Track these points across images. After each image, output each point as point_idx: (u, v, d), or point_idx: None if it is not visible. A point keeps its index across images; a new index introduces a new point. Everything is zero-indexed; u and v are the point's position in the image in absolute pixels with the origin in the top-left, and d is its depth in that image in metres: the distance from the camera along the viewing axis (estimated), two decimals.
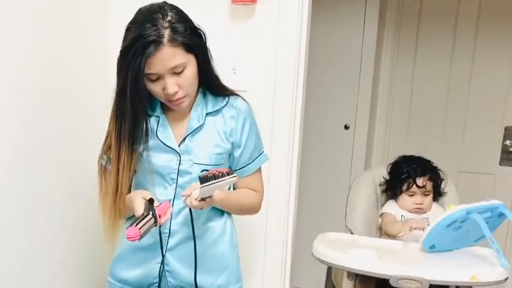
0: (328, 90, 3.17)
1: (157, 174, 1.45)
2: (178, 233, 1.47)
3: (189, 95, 1.39)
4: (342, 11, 3.10)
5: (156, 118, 1.45)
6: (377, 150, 3.35)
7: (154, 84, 1.34)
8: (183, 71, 1.33)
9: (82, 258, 1.94)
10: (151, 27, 1.27)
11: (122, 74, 1.31)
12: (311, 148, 3.09)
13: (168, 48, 1.28)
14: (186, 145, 1.44)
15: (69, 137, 1.84)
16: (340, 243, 1.88)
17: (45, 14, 1.68)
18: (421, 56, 3.22)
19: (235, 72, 1.98)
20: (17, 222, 1.63)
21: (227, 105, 1.46)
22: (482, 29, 3.08)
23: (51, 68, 1.73)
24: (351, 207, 2.28)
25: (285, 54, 1.94)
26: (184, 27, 1.31)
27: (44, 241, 1.76)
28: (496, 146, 3.11)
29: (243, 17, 1.94)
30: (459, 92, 3.17)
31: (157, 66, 1.30)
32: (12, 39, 1.54)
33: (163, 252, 1.47)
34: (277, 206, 2.02)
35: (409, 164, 2.20)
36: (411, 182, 2.14)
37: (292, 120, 1.99)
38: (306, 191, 2.58)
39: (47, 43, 1.70)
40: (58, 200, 1.80)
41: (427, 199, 2.15)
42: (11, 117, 1.56)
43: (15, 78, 1.56)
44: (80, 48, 1.86)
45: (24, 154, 1.63)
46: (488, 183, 3.17)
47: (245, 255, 1.76)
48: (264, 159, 1.56)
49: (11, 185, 1.59)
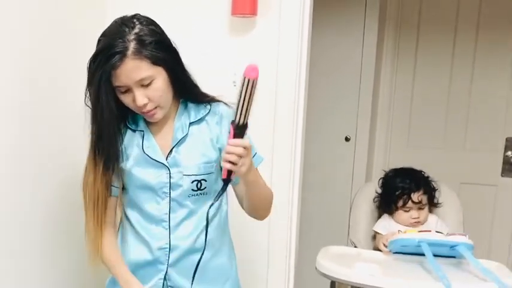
0: (329, 102, 3.17)
1: (148, 190, 1.43)
2: (179, 247, 1.44)
3: (161, 106, 1.36)
4: (341, 23, 3.11)
5: (140, 132, 1.43)
6: (378, 161, 3.33)
7: (125, 96, 1.34)
8: (151, 84, 1.31)
9: (80, 258, 1.89)
10: (117, 39, 1.27)
11: (91, 85, 1.32)
12: (312, 160, 3.07)
13: (132, 61, 1.27)
14: (173, 157, 1.42)
15: (65, 136, 1.81)
16: (344, 257, 1.87)
17: (44, 14, 1.67)
18: (421, 67, 3.22)
19: (235, 85, 1.97)
20: (13, 221, 1.59)
21: (210, 112, 1.44)
22: (481, 39, 3.09)
23: (48, 68, 1.71)
24: (354, 220, 2.26)
25: (286, 67, 1.93)
26: (151, 40, 1.30)
27: (40, 241, 1.72)
28: (497, 157, 3.10)
29: (243, 29, 1.94)
30: (459, 103, 3.17)
31: (123, 78, 1.29)
32: (10, 38, 1.51)
33: (166, 268, 1.45)
34: (279, 219, 2.00)
35: (402, 179, 2.17)
36: (406, 198, 2.12)
37: (294, 132, 1.97)
38: (307, 203, 2.56)
39: (44, 43, 1.68)
40: (54, 198, 1.77)
41: (423, 212, 2.14)
42: (9, 116, 1.53)
43: (13, 77, 1.53)
44: (79, 47, 1.84)
45: (21, 153, 1.59)
46: (490, 194, 3.16)
47: (248, 269, 1.74)
48: (259, 160, 1.50)
49: (8, 185, 1.56)
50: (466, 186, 3.15)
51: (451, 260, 1.84)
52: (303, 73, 1.97)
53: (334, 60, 3.13)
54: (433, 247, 1.80)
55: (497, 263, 1.87)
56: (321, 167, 3.18)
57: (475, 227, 2.89)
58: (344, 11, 3.10)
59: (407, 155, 3.25)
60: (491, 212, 3.18)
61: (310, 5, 1.96)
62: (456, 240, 1.83)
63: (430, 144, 3.25)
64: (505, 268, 1.83)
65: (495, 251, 3.15)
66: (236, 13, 1.88)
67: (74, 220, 1.54)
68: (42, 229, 1.74)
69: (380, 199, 2.25)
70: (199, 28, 1.92)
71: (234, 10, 1.87)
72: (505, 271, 1.80)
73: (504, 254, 3.13)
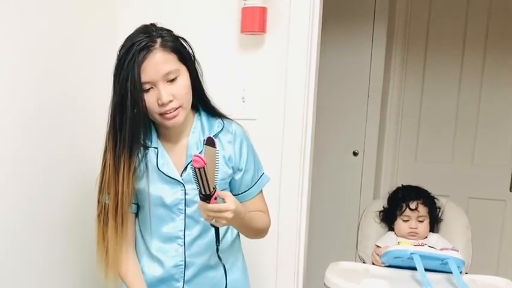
0: (337, 116, 3.19)
1: (162, 207, 1.43)
2: (194, 264, 1.45)
3: (184, 107, 1.36)
4: (349, 39, 3.14)
5: (155, 150, 1.42)
6: (386, 176, 3.34)
7: (149, 95, 1.32)
8: (177, 79, 1.33)
9: (82, 258, 1.90)
10: (143, 34, 1.31)
11: (119, 84, 1.32)
12: (320, 175, 3.08)
13: (160, 53, 1.30)
14: (188, 174, 1.40)
15: (69, 138, 1.81)
16: (353, 272, 1.87)
17: (49, 16, 1.67)
18: (429, 82, 3.23)
19: (244, 101, 1.99)
20: (18, 222, 1.58)
21: (223, 130, 1.45)
22: (490, 54, 3.10)
23: (55, 71, 1.72)
24: (363, 235, 2.27)
25: (295, 83, 1.94)
26: (174, 38, 1.35)
27: (44, 241, 1.72)
28: (505, 172, 3.10)
29: (252, 46, 1.95)
30: (467, 118, 3.17)
31: (150, 72, 1.30)
32: (14, 40, 1.51)
33: (182, 285, 1.46)
34: (288, 234, 2.00)
35: (405, 190, 2.25)
36: (404, 206, 2.16)
37: (303, 148, 1.98)
38: (315, 218, 2.57)
39: (51, 44, 1.68)
40: (59, 200, 1.77)
41: (422, 225, 2.14)
42: (12, 118, 1.53)
43: (17, 79, 1.54)
44: (86, 49, 1.87)
45: (25, 154, 1.59)
46: (498, 209, 3.16)
47: (256, 284, 1.74)
48: (265, 180, 1.54)
49: (12, 185, 1.56)
50: (475, 201, 3.15)
51: (445, 275, 1.85)
52: (311, 88, 1.98)
53: (343, 76, 3.15)
54: (425, 260, 1.82)
55: (505, 279, 1.86)
56: (329, 181, 3.19)
57: (484, 242, 2.89)
58: (352, 27, 3.12)
59: (416, 169, 3.25)
60: (500, 227, 3.17)
61: (318, 22, 1.97)
62: (447, 254, 1.86)
63: (438, 158, 3.25)
64: None
65: (503, 266, 3.14)
66: (245, 31, 1.90)
67: (89, 220, 1.53)
68: (58, 230, 1.75)
69: (384, 212, 2.27)
70: (209, 46, 1.95)
71: (243, 28, 1.90)
72: None
73: (495, 243, 3.11)
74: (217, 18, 1.97)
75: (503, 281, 1.84)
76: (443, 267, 1.84)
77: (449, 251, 1.90)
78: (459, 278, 1.77)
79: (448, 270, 1.82)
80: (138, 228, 1.50)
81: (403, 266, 1.90)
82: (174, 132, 1.43)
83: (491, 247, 3.13)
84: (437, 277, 1.82)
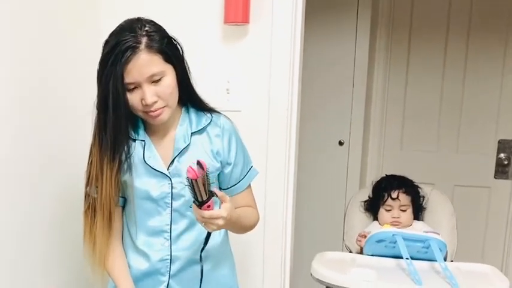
0: (322, 106, 3.19)
1: (149, 200, 1.42)
2: (180, 258, 1.45)
3: (169, 106, 1.35)
4: (333, 28, 3.13)
5: (141, 142, 1.41)
6: (371, 165, 3.35)
7: (132, 95, 1.31)
8: (161, 80, 1.31)
9: (73, 257, 1.89)
10: (128, 34, 1.27)
11: (101, 84, 1.30)
12: (306, 165, 3.08)
13: (145, 55, 1.27)
14: (175, 167, 1.40)
15: (61, 138, 1.81)
16: (339, 262, 1.87)
17: (38, 15, 1.66)
18: (413, 71, 3.23)
19: (229, 93, 1.97)
20: (11, 221, 1.58)
21: (211, 123, 1.44)
22: (473, 42, 3.11)
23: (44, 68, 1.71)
24: (349, 225, 2.28)
25: (279, 74, 1.93)
26: (160, 37, 1.31)
27: (35, 240, 1.72)
28: (490, 159, 3.11)
29: (236, 37, 1.94)
30: (452, 106, 3.18)
31: (134, 74, 1.27)
32: (2, 41, 1.50)
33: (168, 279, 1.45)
34: (274, 225, 2.00)
35: (387, 180, 2.27)
36: (386, 195, 2.18)
37: (288, 138, 1.98)
38: (302, 208, 2.57)
39: (42, 44, 1.68)
40: (50, 199, 1.77)
41: (404, 214, 2.16)
42: (2, 119, 1.52)
43: (7, 79, 1.52)
44: (71, 49, 1.85)
45: (16, 154, 1.58)
46: (483, 196, 3.18)
47: (243, 277, 1.75)
48: (254, 174, 1.54)
49: (2, 186, 1.55)
50: (460, 189, 3.17)
51: (430, 264, 1.86)
52: (295, 79, 1.97)
53: (327, 65, 3.15)
54: (408, 242, 1.83)
55: (490, 266, 1.87)
56: (315, 171, 3.19)
57: (469, 229, 2.92)
58: (336, 16, 3.11)
59: (401, 158, 3.26)
60: (485, 214, 3.19)
61: (302, 12, 1.96)
62: (428, 235, 1.89)
63: (423, 147, 3.26)
64: (498, 271, 1.83)
65: (489, 253, 3.17)
66: (228, 21, 1.88)
67: (76, 220, 1.52)
68: (43, 230, 1.74)
69: (368, 201, 2.29)
70: (192, 37, 1.92)
71: (226, 18, 1.88)
72: (498, 274, 1.81)
73: (498, 256, 3.14)
74: (200, 9, 1.95)
75: (488, 267, 1.86)
76: (426, 253, 1.85)
77: (430, 233, 1.94)
78: (441, 260, 1.79)
79: (432, 257, 1.83)
80: (124, 222, 1.49)
81: (387, 254, 1.91)
82: (161, 126, 1.42)
83: (476, 234, 3.16)
84: (423, 265, 1.83)
